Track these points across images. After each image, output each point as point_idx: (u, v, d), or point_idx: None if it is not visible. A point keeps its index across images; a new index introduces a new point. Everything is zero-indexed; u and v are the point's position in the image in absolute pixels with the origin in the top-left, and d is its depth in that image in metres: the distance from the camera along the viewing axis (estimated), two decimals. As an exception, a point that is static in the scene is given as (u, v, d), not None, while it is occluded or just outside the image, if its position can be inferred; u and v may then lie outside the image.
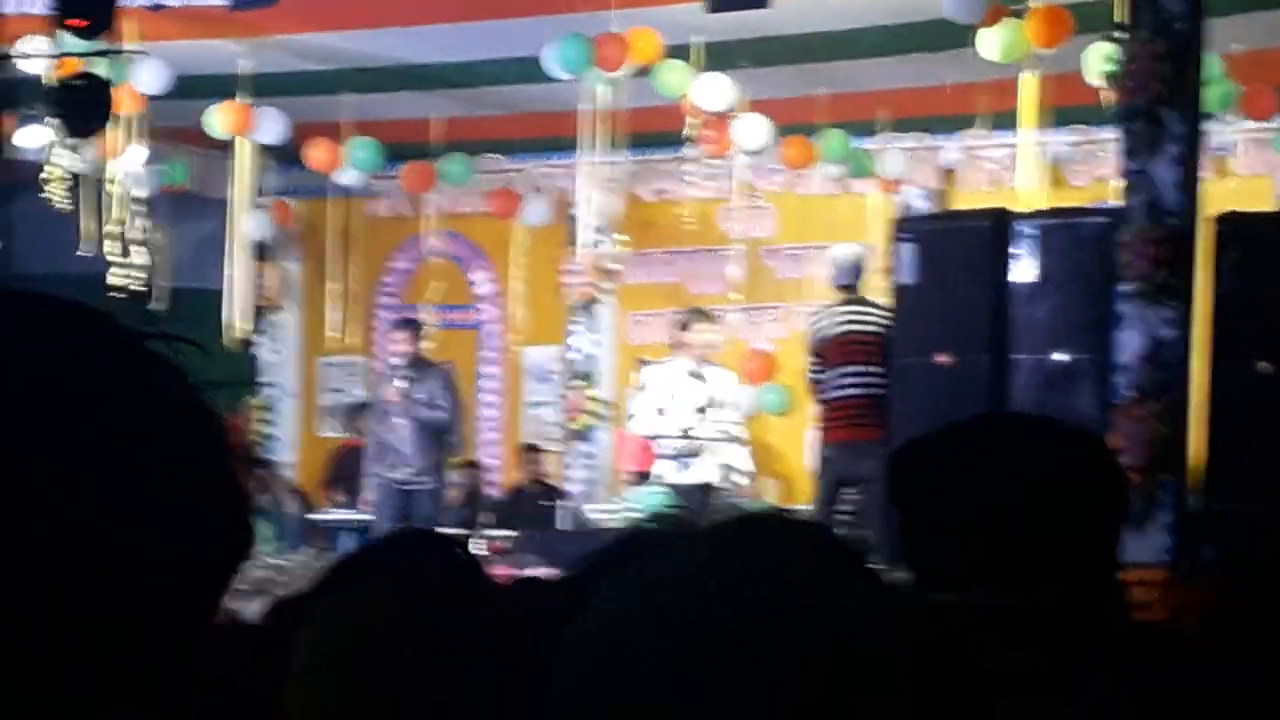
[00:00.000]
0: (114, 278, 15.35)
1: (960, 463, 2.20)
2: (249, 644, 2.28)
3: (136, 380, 1.12)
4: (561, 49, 13.51)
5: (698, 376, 13.63)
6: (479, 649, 2.16)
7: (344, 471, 16.61)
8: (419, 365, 14.42)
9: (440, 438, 14.49)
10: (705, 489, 13.41)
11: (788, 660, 1.21)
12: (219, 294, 16.58)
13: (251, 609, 9.59)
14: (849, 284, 12.82)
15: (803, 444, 14.54)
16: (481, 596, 2.24)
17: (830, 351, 12.54)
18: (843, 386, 12.40)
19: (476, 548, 13.76)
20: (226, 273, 16.64)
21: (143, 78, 14.05)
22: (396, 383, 14.21)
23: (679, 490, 13.38)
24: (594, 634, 1.27)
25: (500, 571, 12.17)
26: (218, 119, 15.44)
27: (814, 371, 12.79)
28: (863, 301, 12.69)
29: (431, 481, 14.39)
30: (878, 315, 12.41)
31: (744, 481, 13.75)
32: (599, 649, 1.26)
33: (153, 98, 14.51)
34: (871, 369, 12.22)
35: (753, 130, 14.75)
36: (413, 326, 14.88)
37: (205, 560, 1.12)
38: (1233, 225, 10.64)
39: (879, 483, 11.79)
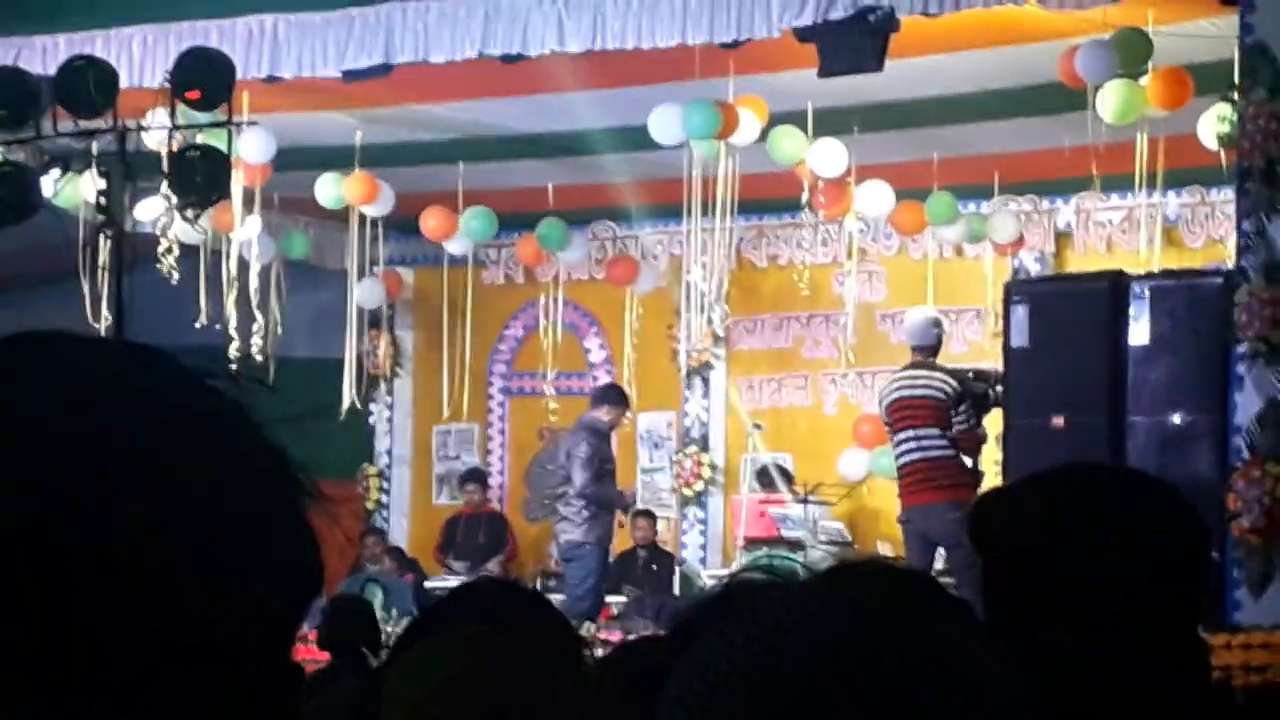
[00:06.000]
0: (234, 350, 15.44)
1: (1038, 509, 2.18)
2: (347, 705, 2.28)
3: (195, 417, 1.11)
4: (688, 115, 13.39)
5: None
6: (568, 695, 2.15)
7: (457, 539, 16.65)
8: None
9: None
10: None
11: (888, 703, 1.20)
12: (339, 363, 16.67)
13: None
14: (920, 346, 12.85)
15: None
16: (564, 641, 2.23)
17: (889, 418, 12.61)
18: (899, 453, 12.49)
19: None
20: (346, 342, 16.73)
21: (248, 147, 14.13)
22: None
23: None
24: (691, 688, 1.26)
25: (612, 635, 12.17)
26: (335, 190, 15.56)
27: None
28: (920, 366, 12.73)
29: None
30: (929, 379, 12.50)
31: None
32: (697, 703, 1.25)
33: (272, 169, 14.65)
34: (924, 433, 12.29)
35: (873, 196, 14.75)
36: None
37: (268, 596, 1.11)
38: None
39: (956, 546, 11.76)
